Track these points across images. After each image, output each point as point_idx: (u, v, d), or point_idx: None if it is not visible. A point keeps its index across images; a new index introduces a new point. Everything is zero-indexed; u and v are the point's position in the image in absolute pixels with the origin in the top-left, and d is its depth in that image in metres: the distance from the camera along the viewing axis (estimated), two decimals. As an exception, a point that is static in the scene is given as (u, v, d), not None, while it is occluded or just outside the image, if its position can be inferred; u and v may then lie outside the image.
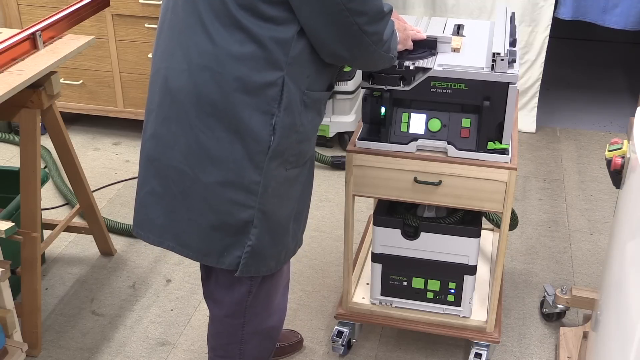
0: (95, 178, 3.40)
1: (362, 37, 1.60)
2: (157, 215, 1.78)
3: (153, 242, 1.82)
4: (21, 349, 2.16)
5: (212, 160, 1.66)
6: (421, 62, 1.96)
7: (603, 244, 2.96)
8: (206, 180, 1.67)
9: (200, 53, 1.60)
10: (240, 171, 1.66)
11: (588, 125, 3.97)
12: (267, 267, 1.81)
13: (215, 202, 1.69)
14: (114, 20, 3.47)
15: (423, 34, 2.01)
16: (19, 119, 2.27)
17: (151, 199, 1.78)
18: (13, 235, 2.06)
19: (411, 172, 2.04)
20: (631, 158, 1.68)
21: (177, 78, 1.65)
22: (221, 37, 1.57)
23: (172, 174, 1.72)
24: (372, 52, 1.67)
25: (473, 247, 2.16)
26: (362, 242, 2.61)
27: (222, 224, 1.71)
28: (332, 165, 3.49)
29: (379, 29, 1.63)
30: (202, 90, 1.62)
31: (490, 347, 2.28)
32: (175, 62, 1.65)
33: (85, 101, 3.73)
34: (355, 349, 2.43)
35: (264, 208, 1.71)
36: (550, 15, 3.62)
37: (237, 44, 1.57)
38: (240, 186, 1.67)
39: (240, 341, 1.94)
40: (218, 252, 1.74)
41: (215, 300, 1.92)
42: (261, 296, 1.89)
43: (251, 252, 1.74)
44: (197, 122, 1.64)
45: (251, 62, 1.58)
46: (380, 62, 1.75)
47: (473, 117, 2.00)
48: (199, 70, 1.61)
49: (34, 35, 2.26)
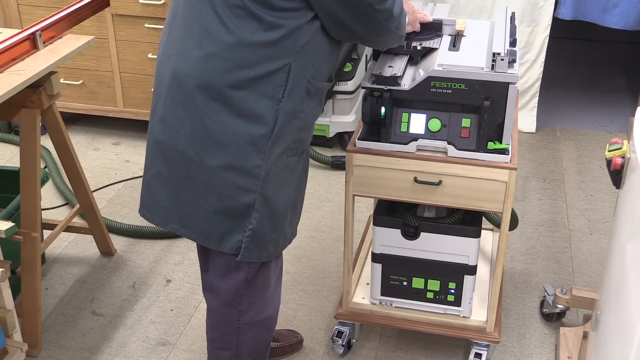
0: (95, 178, 3.40)
1: (375, 14, 1.68)
2: (162, 197, 1.83)
3: (158, 223, 1.87)
4: (21, 349, 2.16)
5: (216, 144, 1.70)
6: (428, 42, 2.09)
7: (603, 244, 2.96)
8: (210, 164, 1.72)
9: (211, 41, 1.65)
10: (244, 155, 1.71)
11: (588, 125, 3.97)
12: (267, 253, 1.85)
13: (218, 186, 1.74)
14: (114, 20, 3.47)
15: (429, 17, 2.15)
16: (19, 119, 2.27)
17: (157, 182, 1.83)
18: (13, 235, 2.06)
19: (411, 172, 2.04)
20: (631, 158, 1.69)
21: (187, 63, 1.69)
22: (234, 26, 1.62)
23: (177, 158, 1.76)
24: (384, 28, 1.74)
25: (473, 247, 2.16)
26: (362, 242, 2.61)
27: (225, 207, 1.76)
28: (332, 165, 3.49)
29: (388, 6, 1.70)
30: (210, 75, 1.66)
31: (490, 347, 2.28)
32: (187, 48, 1.69)
33: (85, 101, 3.73)
34: (355, 349, 2.43)
35: (265, 192, 1.75)
36: (550, 15, 3.62)
37: (249, 33, 1.62)
38: (243, 170, 1.72)
39: (237, 331, 1.96)
40: (220, 235, 1.79)
41: (212, 289, 1.95)
42: (257, 285, 1.92)
43: (252, 236, 1.78)
44: (203, 107, 1.69)
45: (261, 50, 1.63)
46: (391, 38, 1.81)
47: (473, 117, 2.00)
48: (209, 57, 1.66)
49: (34, 35, 2.26)
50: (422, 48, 2.07)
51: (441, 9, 2.31)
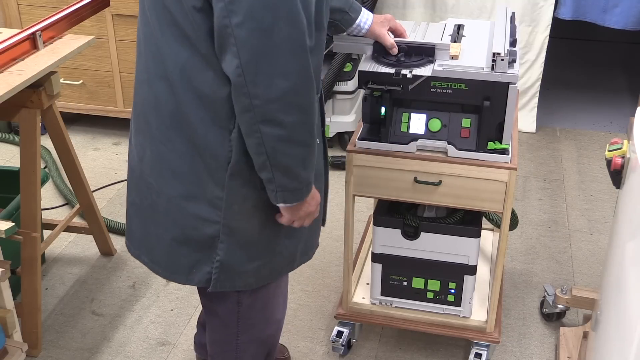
0: (95, 178, 3.40)
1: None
2: (136, 227, 1.76)
3: (133, 254, 1.80)
4: (21, 349, 2.16)
5: (174, 173, 1.61)
6: (419, 69, 1.94)
7: (603, 244, 2.96)
8: (169, 193, 1.62)
9: (156, 63, 1.55)
10: (203, 185, 1.59)
11: (588, 125, 3.97)
12: (244, 283, 1.73)
13: (179, 217, 1.64)
14: (114, 20, 3.47)
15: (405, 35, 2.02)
16: (19, 119, 2.27)
17: (132, 210, 1.77)
18: (13, 235, 2.06)
19: (411, 172, 2.04)
20: (631, 158, 1.68)
21: (140, 89, 1.63)
22: (172, 48, 1.51)
23: (142, 186, 1.69)
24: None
25: (473, 247, 2.16)
26: (362, 242, 2.61)
27: (188, 239, 1.65)
28: (332, 165, 3.49)
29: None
30: (161, 101, 1.57)
31: (490, 347, 2.28)
32: (139, 72, 1.63)
33: (85, 101, 3.73)
34: (355, 349, 2.43)
35: (231, 224, 1.62)
36: (550, 15, 3.62)
37: (194, 54, 1.49)
38: (203, 200, 1.60)
39: (236, 349, 1.91)
40: (186, 268, 1.69)
41: (209, 310, 1.90)
42: (257, 307, 1.85)
43: (221, 268, 1.67)
44: (157, 134, 1.60)
45: (204, 75, 1.50)
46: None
47: (473, 117, 2.00)
48: (157, 80, 1.56)
49: (34, 35, 2.26)
50: (413, 76, 1.92)
51: (435, 29, 2.17)
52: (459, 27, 2.18)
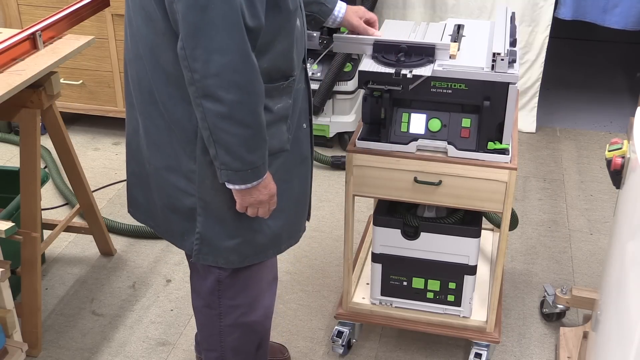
0: (95, 178, 3.40)
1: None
2: (138, 195, 1.88)
3: (140, 220, 1.92)
4: (21, 349, 2.16)
5: (157, 146, 1.72)
6: (419, 69, 1.95)
7: (603, 244, 2.96)
8: (156, 164, 1.75)
9: (134, 44, 1.66)
10: (178, 158, 1.69)
11: (588, 125, 3.97)
12: (226, 260, 1.79)
13: (165, 186, 1.75)
14: (114, 20, 3.47)
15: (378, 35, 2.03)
16: (19, 119, 2.27)
17: (133, 180, 1.88)
18: (13, 235, 2.06)
19: (411, 172, 2.04)
20: (631, 158, 1.68)
21: (128, 67, 1.74)
22: (142, 30, 1.61)
23: (139, 157, 1.80)
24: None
25: (473, 247, 2.16)
26: (362, 242, 2.61)
27: (174, 208, 1.76)
28: (332, 165, 3.49)
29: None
30: (141, 79, 1.68)
31: (490, 347, 2.28)
32: (126, 52, 1.73)
33: (85, 101, 3.73)
34: (355, 349, 2.43)
35: (205, 198, 1.71)
36: (550, 15, 3.62)
37: (157, 34, 1.58)
38: (180, 173, 1.71)
39: (220, 333, 1.95)
40: (179, 234, 1.80)
41: (195, 290, 1.97)
42: (236, 287, 1.88)
43: (201, 240, 1.76)
44: (142, 110, 1.72)
45: (167, 54, 1.58)
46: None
47: (473, 117, 2.00)
48: (136, 60, 1.67)
49: (34, 35, 2.26)
50: (413, 76, 1.92)
51: (434, 29, 2.18)
52: (459, 27, 2.18)
